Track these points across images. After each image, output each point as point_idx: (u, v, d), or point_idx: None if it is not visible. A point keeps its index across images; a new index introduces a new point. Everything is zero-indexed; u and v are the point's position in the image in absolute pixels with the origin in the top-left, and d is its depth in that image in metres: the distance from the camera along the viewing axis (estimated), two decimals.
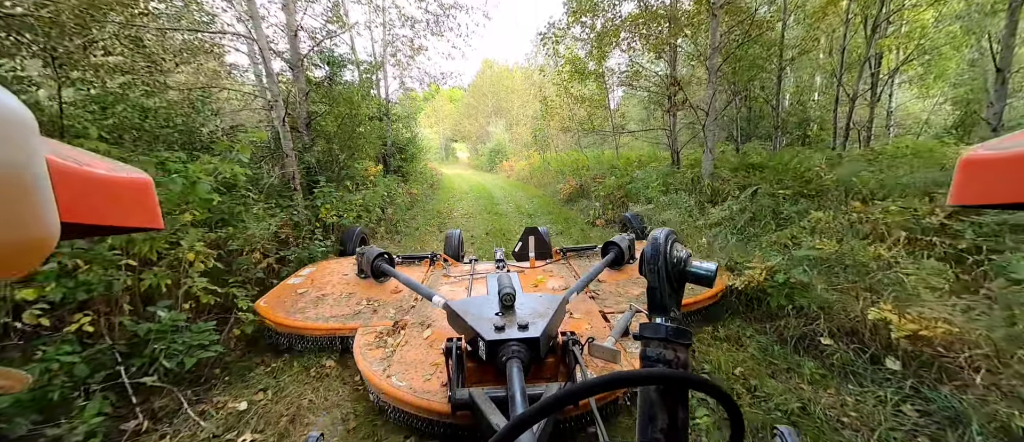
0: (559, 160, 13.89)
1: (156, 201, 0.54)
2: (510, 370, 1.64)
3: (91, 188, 0.42)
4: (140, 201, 0.51)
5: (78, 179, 0.40)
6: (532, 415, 0.51)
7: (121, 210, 0.48)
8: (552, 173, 12.97)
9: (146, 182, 0.52)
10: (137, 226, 0.52)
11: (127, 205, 0.49)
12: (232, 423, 2.19)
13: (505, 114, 30.85)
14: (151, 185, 0.53)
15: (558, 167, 12.97)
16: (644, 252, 0.99)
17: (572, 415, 1.94)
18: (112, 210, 0.46)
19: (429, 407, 1.87)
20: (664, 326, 0.93)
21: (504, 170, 20.53)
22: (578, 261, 3.95)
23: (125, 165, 0.52)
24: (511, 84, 31.34)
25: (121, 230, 0.55)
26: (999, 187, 0.48)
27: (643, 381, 0.66)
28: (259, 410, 2.31)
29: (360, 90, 7.03)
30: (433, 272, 3.78)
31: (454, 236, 4.61)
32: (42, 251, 0.30)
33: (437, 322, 2.59)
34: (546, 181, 12.90)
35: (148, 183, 0.52)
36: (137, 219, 0.51)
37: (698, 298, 2.93)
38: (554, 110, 12.42)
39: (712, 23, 6.20)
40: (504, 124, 30.00)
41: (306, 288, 3.27)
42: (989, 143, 0.52)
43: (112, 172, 0.46)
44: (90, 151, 0.54)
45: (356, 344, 2.43)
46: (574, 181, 10.20)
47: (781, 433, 0.97)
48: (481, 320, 1.89)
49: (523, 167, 17.21)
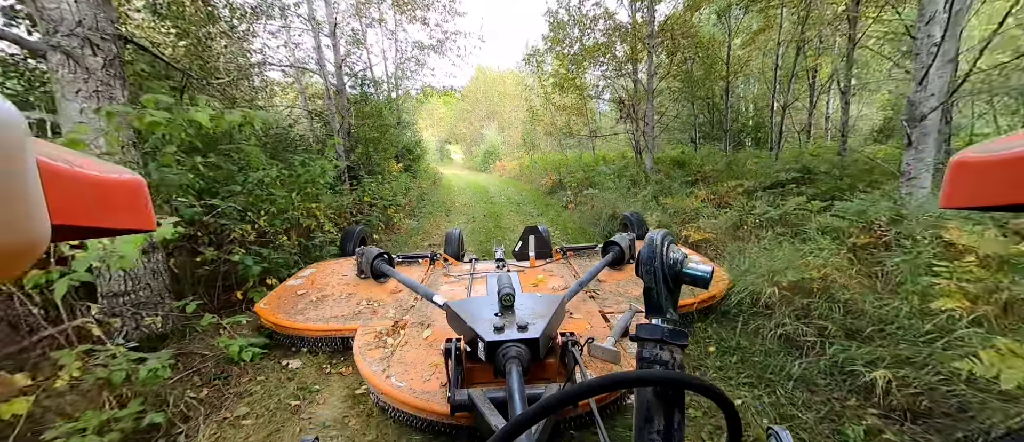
0: (544, 160, 16.13)
1: (148, 202, 0.52)
2: (509, 371, 1.63)
3: (82, 189, 0.42)
4: (132, 202, 0.49)
5: (69, 180, 0.40)
6: (528, 418, 0.51)
7: (113, 211, 0.47)
8: (538, 171, 15.20)
9: (138, 183, 0.50)
10: (129, 228, 0.50)
11: (119, 206, 0.47)
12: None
13: (498, 117, 33.11)
14: (143, 186, 0.51)
15: (543, 166, 15.20)
16: (640, 254, 1.01)
17: (572, 415, 1.94)
18: (104, 212, 0.45)
19: (428, 408, 1.87)
20: (660, 327, 0.95)
21: (497, 170, 22.73)
22: (578, 260, 3.96)
23: (116, 166, 0.49)
24: (503, 89, 33.56)
25: (113, 232, 0.52)
26: (990, 189, 0.48)
27: (640, 383, 0.64)
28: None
29: (386, 105, 9.19)
30: (433, 271, 3.79)
31: (454, 235, 4.62)
32: (31, 254, 0.29)
33: (437, 322, 2.59)
34: (533, 178, 15.13)
35: (140, 184, 0.50)
36: (129, 220, 0.49)
37: (700, 298, 2.92)
38: (539, 117, 14.68)
39: (647, 57, 8.45)
40: (497, 127, 32.21)
41: (306, 289, 3.30)
42: (980, 145, 0.52)
43: (104, 173, 0.45)
44: (81, 152, 0.53)
45: (356, 344, 2.44)
46: (554, 176, 12.42)
47: (775, 433, 0.91)
48: (480, 321, 1.88)
49: (514, 167, 19.45)
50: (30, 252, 0.29)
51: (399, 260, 4.00)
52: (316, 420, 2.28)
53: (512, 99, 30.85)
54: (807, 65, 12.42)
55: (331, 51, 7.84)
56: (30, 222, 0.29)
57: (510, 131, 29.46)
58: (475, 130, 35.20)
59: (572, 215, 8.44)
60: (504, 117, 31.65)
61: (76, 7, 2.32)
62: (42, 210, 0.31)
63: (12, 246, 0.28)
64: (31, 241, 0.29)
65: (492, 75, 36.34)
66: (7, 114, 0.27)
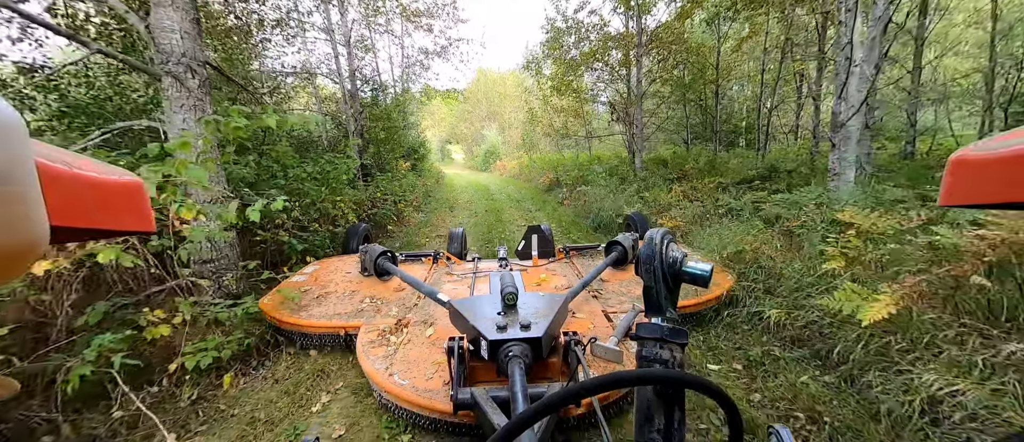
0: (542, 160, 16.93)
1: (148, 203, 0.52)
2: (512, 370, 1.64)
3: (82, 191, 0.42)
4: (131, 204, 0.49)
5: (68, 182, 0.40)
6: (527, 418, 0.52)
7: (112, 213, 0.47)
8: (537, 170, 15.99)
9: (137, 185, 0.50)
10: (128, 229, 0.50)
11: (118, 208, 0.47)
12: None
13: (498, 118, 33.93)
14: (142, 188, 0.51)
15: (541, 165, 16.00)
16: (640, 252, 1.01)
17: (574, 414, 1.95)
18: (103, 213, 0.45)
19: (431, 406, 1.89)
20: (660, 326, 0.96)
21: (498, 169, 23.55)
22: (581, 260, 3.96)
23: (115, 168, 0.50)
24: (504, 90, 34.41)
25: (112, 233, 0.53)
26: (989, 188, 0.47)
27: (640, 381, 0.65)
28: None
29: (394, 108, 9.97)
30: (436, 270, 3.79)
31: (457, 234, 4.63)
32: (30, 256, 0.29)
33: (440, 320, 2.60)
34: (532, 177, 15.92)
35: (139, 186, 0.50)
36: (128, 222, 0.49)
37: (706, 298, 2.98)
38: (538, 119, 15.48)
39: (635, 66, 9.21)
40: (497, 128, 33.02)
41: (310, 286, 3.32)
42: (979, 144, 0.51)
43: (103, 175, 0.45)
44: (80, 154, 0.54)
45: (359, 342, 2.46)
46: (551, 175, 13.20)
47: (776, 432, 0.92)
48: (483, 319, 1.89)
49: (514, 166, 20.27)
50: (28, 254, 0.29)
51: (402, 258, 3.98)
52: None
53: (512, 100, 31.64)
54: (794, 69, 13.13)
55: (345, 60, 8.61)
56: (29, 224, 0.29)
57: (510, 131, 30.28)
58: (476, 130, 36.01)
59: (567, 210, 9.21)
60: (504, 118, 32.49)
61: (181, 42, 3.09)
62: (41, 212, 0.31)
63: (11, 248, 0.28)
64: (30, 243, 0.29)
65: (493, 76, 37.13)
66: (7, 116, 0.26)
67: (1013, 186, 0.45)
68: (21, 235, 0.28)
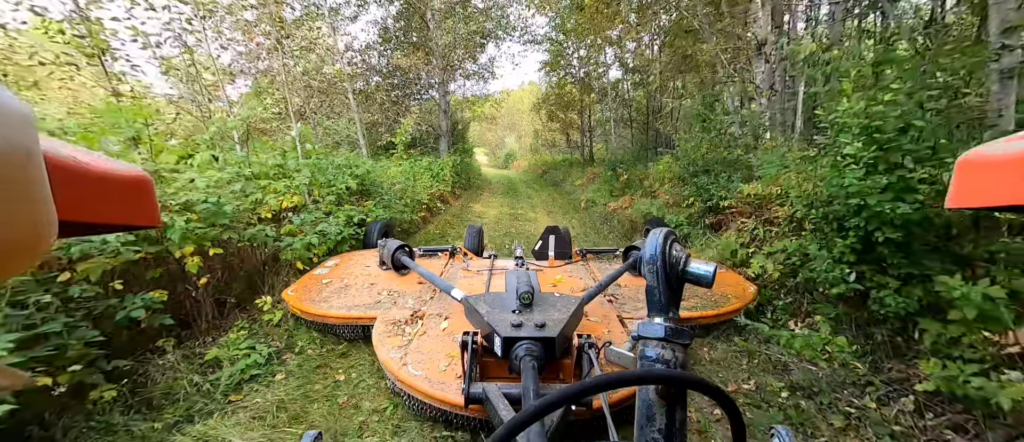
0: (540, 160, 26.86)
1: (154, 199, 0.52)
2: (525, 368, 1.65)
3: (90, 185, 0.42)
4: (138, 199, 0.49)
5: (77, 176, 0.40)
6: (527, 417, 0.52)
7: (119, 208, 0.47)
8: (537, 166, 25.71)
9: (145, 179, 0.50)
10: (135, 224, 0.50)
11: (125, 203, 0.48)
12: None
13: (516, 129, 43.95)
14: (150, 183, 0.51)
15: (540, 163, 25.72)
16: (642, 252, 1.01)
17: (585, 418, 1.94)
18: (110, 208, 0.46)
19: (443, 398, 1.92)
20: (662, 326, 0.96)
21: (515, 167, 33.77)
22: (597, 263, 3.97)
23: (123, 162, 0.49)
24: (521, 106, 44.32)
25: (118, 228, 0.53)
26: (999, 189, 0.47)
27: (641, 381, 0.65)
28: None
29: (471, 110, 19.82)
30: (453, 265, 3.83)
31: (474, 230, 4.67)
32: (38, 251, 0.30)
33: (455, 314, 2.64)
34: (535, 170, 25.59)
35: (147, 180, 0.50)
36: (135, 217, 0.49)
37: (730, 309, 3.00)
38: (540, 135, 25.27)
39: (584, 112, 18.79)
40: (515, 136, 43.18)
41: (331, 278, 3.40)
42: (988, 144, 0.50)
43: (111, 169, 0.45)
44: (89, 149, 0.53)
45: (375, 331, 2.53)
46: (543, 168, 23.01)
47: (778, 432, 0.93)
48: (498, 316, 1.91)
49: (524, 165, 30.35)
50: (36, 249, 0.29)
51: (420, 253, 4.01)
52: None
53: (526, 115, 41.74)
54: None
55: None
56: (37, 218, 0.29)
57: (524, 139, 40.58)
58: (498, 137, 46.14)
59: (543, 181, 18.72)
60: (521, 128, 42.57)
61: (444, 124, 12.70)
62: (49, 205, 0.30)
63: (19, 242, 0.27)
64: (38, 237, 0.29)
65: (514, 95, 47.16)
66: (14, 107, 0.26)
67: (1022, 188, 0.44)
68: (30, 230, 0.28)
